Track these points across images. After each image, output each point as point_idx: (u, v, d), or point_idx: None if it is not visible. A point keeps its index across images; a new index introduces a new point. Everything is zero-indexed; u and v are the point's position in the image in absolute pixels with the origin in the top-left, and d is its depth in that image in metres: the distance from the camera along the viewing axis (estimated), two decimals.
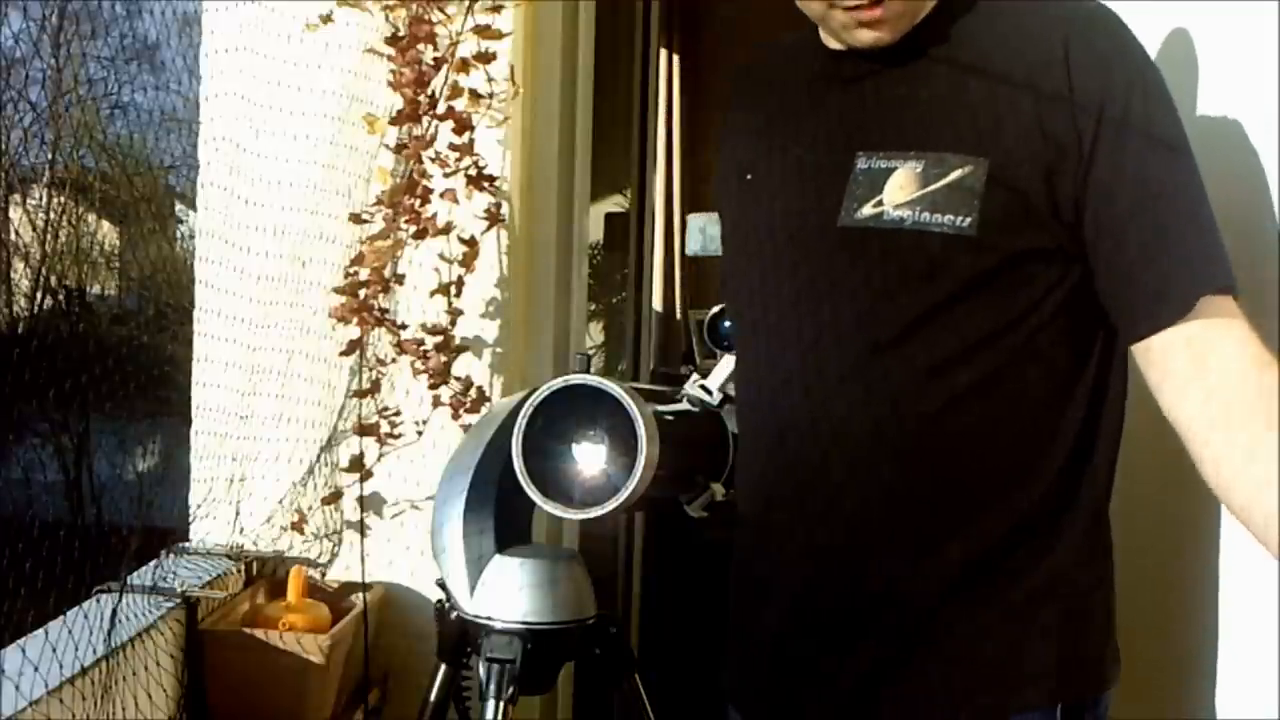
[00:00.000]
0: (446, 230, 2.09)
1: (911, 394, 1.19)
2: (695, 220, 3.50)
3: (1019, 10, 1.20)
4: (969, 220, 1.14)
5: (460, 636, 1.57)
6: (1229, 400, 1.09)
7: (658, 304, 4.10)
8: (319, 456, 2.21)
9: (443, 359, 2.09)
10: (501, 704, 1.48)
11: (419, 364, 2.09)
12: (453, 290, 2.12)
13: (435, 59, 2.03)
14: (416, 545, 2.22)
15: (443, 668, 1.63)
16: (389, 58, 2.04)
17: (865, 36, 1.20)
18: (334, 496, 2.20)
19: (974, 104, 1.17)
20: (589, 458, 1.31)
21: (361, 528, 2.17)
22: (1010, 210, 1.14)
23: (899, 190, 1.17)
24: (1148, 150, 1.13)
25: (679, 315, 4.45)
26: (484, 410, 2.04)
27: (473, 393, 2.11)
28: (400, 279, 2.10)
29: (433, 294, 2.13)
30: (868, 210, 1.19)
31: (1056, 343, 1.19)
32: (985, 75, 1.16)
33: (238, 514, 2.21)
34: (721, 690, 1.40)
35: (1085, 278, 1.18)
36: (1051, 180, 1.14)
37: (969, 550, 1.20)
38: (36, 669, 1.52)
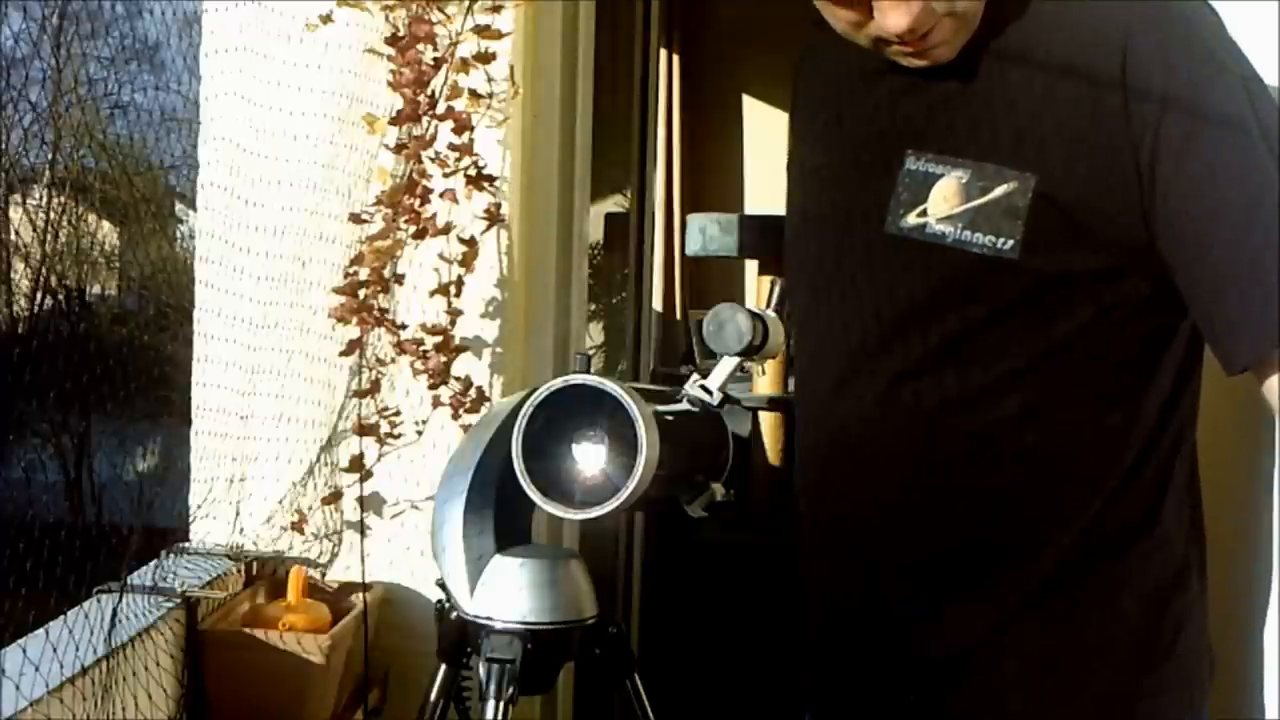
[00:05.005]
0: (446, 230, 2.09)
1: (939, 423, 1.16)
2: (695, 220, 3.50)
3: (1083, 6, 1.12)
4: (1011, 242, 1.08)
5: (460, 636, 1.57)
6: None
7: (658, 304, 4.10)
8: (319, 456, 2.21)
9: (442, 359, 2.09)
10: (501, 704, 1.47)
11: (419, 364, 2.08)
12: (452, 290, 2.12)
13: (435, 59, 2.03)
14: (416, 545, 2.22)
15: (443, 668, 1.62)
16: (389, 58, 2.04)
17: (922, 62, 1.15)
18: (334, 496, 2.20)
19: (1026, 109, 1.10)
20: (589, 458, 1.31)
21: (361, 528, 2.17)
22: (1058, 229, 1.08)
23: (943, 202, 1.13)
24: (1222, 143, 1.04)
25: (679, 315, 4.45)
26: (484, 410, 2.04)
27: (473, 393, 2.11)
28: (400, 279, 2.10)
29: (432, 294, 2.13)
30: (912, 219, 1.15)
31: (1114, 359, 1.14)
32: (1040, 77, 1.10)
33: (238, 514, 2.21)
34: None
35: (1160, 289, 1.10)
36: (1109, 190, 1.07)
37: (1022, 580, 1.17)
38: (37, 669, 1.52)
